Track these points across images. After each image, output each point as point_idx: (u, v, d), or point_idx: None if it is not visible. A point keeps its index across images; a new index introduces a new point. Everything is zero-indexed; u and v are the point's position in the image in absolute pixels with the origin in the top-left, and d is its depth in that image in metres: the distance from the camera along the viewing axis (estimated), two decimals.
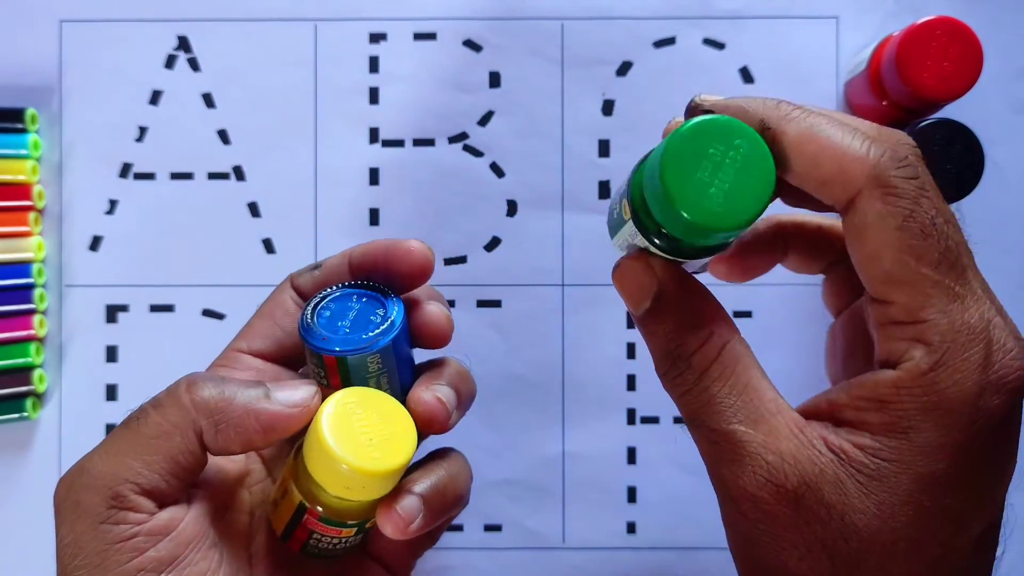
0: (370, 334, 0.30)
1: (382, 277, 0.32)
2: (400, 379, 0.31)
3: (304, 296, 0.34)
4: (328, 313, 0.31)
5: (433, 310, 0.32)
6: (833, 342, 0.32)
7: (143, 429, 0.28)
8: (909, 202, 0.24)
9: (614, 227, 0.29)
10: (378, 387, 0.30)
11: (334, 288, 0.32)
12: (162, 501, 0.28)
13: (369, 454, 0.28)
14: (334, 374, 0.30)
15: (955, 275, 0.24)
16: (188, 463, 0.28)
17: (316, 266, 0.34)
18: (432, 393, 0.30)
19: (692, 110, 0.27)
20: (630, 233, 0.28)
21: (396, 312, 0.30)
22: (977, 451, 0.24)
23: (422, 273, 0.32)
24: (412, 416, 0.30)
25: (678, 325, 0.27)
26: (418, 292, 0.32)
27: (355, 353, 0.29)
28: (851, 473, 0.24)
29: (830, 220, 0.31)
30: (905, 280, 0.24)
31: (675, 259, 0.27)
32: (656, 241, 0.27)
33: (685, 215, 0.24)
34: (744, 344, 0.27)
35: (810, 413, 0.26)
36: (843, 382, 0.26)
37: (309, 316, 0.31)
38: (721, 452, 0.26)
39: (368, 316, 0.30)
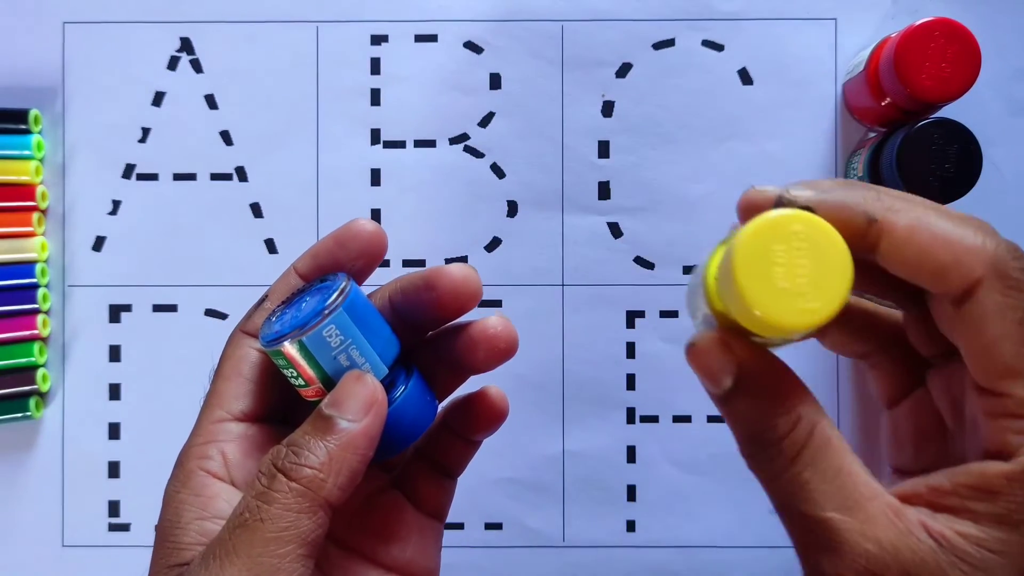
0: (319, 309, 0.28)
1: (339, 267, 0.31)
2: (373, 347, 0.29)
3: None
4: (285, 317, 0.29)
5: (492, 320, 0.30)
6: (895, 430, 0.30)
7: (267, 526, 0.26)
8: None
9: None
10: (350, 362, 0.29)
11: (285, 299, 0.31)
12: None
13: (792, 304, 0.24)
14: (300, 366, 0.28)
15: None
16: (317, 537, 0.27)
17: (262, 300, 0.31)
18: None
19: (785, 203, 0.26)
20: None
21: (342, 283, 0.29)
22: None
23: (377, 247, 0.30)
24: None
25: (763, 408, 0.26)
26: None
27: (308, 329, 0.28)
28: (953, 562, 0.24)
29: (874, 305, 0.30)
30: None
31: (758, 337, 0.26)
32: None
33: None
34: (833, 427, 0.26)
35: (906, 497, 0.26)
36: (944, 469, 0.25)
37: (265, 327, 0.30)
38: (816, 540, 0.25)
39: (320, 301, 0.29)
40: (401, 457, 0.32)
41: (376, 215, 0.45)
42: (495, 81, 0.44)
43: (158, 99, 0.45)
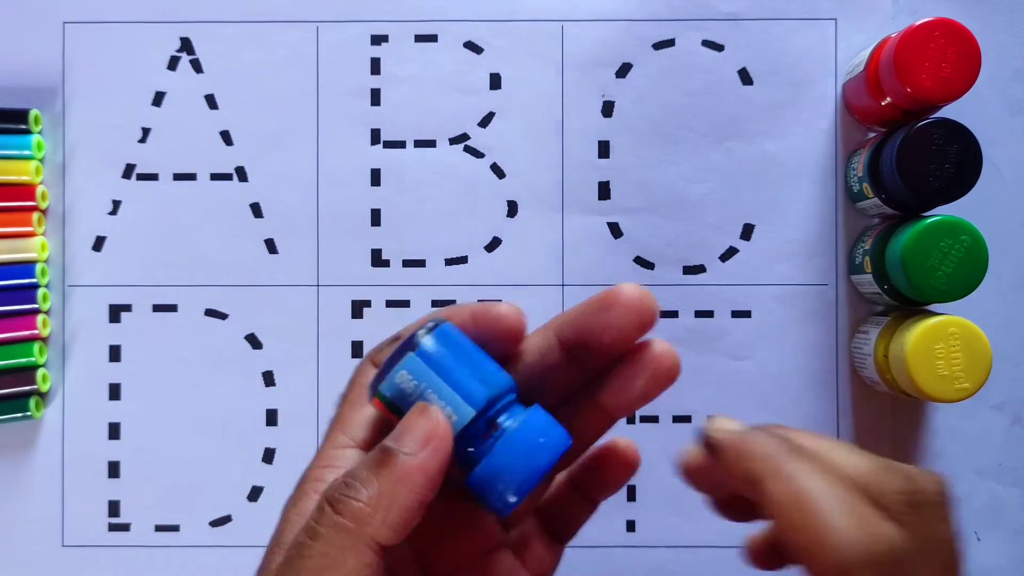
0: (391, 357, 0.27)
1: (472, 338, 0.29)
2: (457, 389, 0.27)
3: None
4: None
5: (656, 343, 0.29)
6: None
7: (308, 563, 0.25)
8: None
9: (855, 270, 0.43)
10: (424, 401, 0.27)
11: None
12: None
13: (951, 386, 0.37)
14: (388, 414, 0.27)
15: None
16: None
17: (395, 338, 0.30)
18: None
19: (704, 440, 0.29)
20: (868, 281, 0.41)
21: (437, 328, 0.27)
22: None
23: (515, 338, 0.29)
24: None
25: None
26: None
27: (383, 379, 0.27)
28: None
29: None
30: None
31: None
32: (886, 287, 0.40)
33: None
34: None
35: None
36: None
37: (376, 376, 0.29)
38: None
39: (399, 347, 0.28)
40: (521, 516, 0.31)
41: (376, 215, 0.45)
42: (495, 81, 0.44)
43: (158, 99, 0.45)
